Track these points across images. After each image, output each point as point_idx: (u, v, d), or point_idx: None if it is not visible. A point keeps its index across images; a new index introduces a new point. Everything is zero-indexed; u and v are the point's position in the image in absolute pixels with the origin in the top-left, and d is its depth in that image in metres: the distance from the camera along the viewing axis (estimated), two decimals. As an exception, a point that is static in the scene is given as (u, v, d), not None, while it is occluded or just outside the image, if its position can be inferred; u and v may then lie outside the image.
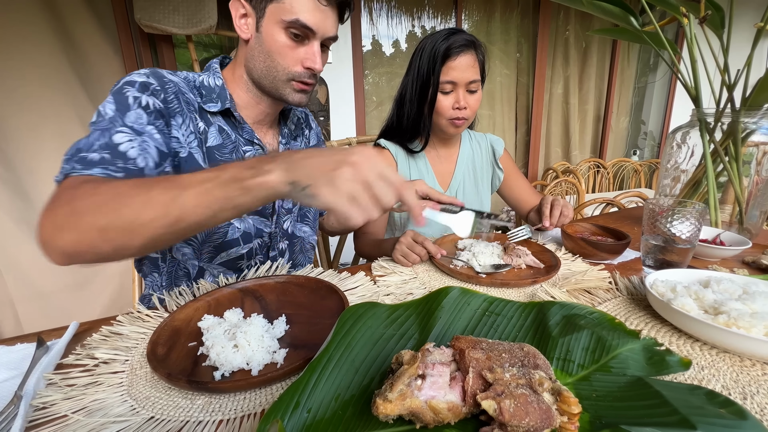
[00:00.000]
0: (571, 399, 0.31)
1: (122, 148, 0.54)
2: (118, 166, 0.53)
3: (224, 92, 0.70)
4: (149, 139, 0.58)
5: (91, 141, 0.53)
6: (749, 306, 0.47)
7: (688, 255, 0.66)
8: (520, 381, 0.32)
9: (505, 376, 0.32)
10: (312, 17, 0.63)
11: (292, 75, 0.67)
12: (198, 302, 0.56)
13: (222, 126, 0.70)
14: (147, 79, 0.61)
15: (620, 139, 3.46)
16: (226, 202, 0.40)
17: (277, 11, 0.62)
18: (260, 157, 0.41)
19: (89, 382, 0.42)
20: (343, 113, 2.36)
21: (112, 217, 0.41)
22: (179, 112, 0.64)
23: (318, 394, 0.34)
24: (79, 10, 1.62)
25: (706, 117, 0.85)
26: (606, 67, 3.13)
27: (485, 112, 2.83)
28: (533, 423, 0.29)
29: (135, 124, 0.57)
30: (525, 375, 0.32)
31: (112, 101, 0.58)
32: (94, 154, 0.52)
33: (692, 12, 0.78)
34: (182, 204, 0.40)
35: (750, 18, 2.56)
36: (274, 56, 0.65)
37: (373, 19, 2.42)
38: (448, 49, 0.88)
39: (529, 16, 2.78)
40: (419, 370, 0.33)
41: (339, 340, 0.39)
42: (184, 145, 0.65)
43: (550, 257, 0.74)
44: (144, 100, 0.59)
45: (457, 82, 0.90)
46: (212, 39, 2.11)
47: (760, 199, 0.86)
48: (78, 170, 0.50)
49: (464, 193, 1.09)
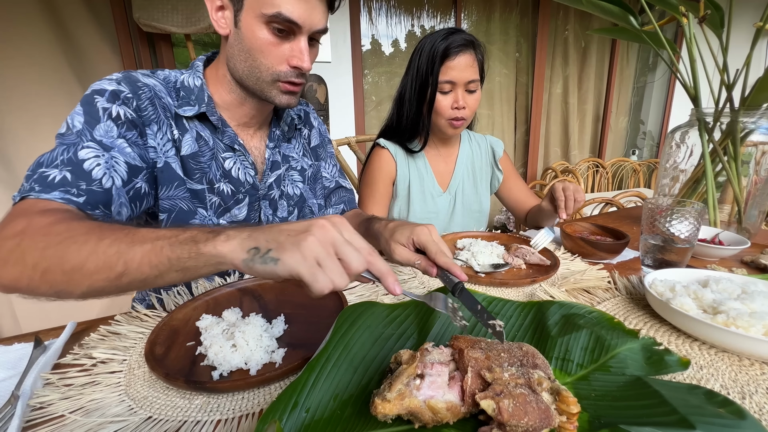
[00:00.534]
0: (570, 399, 0.30)
1: (86, 165, 0.51)
2: (80, 189, 0.50)
3: (203, 93, 0.64)
4: (119, 154, 0.54)
5: (54, 156, 0.50)
6: (748, 305, 0.47)
7: (686, 254, 0.67)
8: (519, 381, 0.31)
9: (504, 375, 0.32)
10: (296, 9, 0.56)
11: (278, 75, 0.61)
12: (196, 302, 0.56)
13: (199, 132, 0.65)
14: (117, 87, 0.57)
15: (619, 138, 3.47)
16: (175, 263, 0.37)
17: (256, 4, 0.56)
18: (234, 226, 0.39)
19: (87, 382, 0.42)
20: (343, 113, 2.36)
21: (55, 261, 0.39)
22: (154, 120, 0.60)
23: (316, 393, 0.34)
24: (77, 9, 1.62)
25: (705, 116, 0.85)
26: (605, 66, 3.13)
27: (484, 112, 2.83)
28: (532, 423, 0.29)
29: (105, 137, 0.54)
30: (524, 375, 0.32)
31: (81, 112, 0.54)
32: (55, 171, 0.49)
33: (692, 11, 0.78)
34: (128, 260, 0.37)
35: (750, 17, 2.56)
36: (255, 55, 0.59)
37: (372, 18, 2.42)
38: (447, 48, 0.87)
39: (528, 15, 2.78)
40: (418, 369, 0.32)
41: (338, 339, 0.39)
42: (160, 154, 0.61)
43: (549, 256, 0.74)
44: (114, 110, 0.55)
45: (456, 82, 0.89)
46: (211, 38, 2.11)
47: (758, 198, 0.86)
48: (36, 192, 0.47)
49: (463, 193, 1.09)
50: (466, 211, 1.10)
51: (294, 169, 0.80)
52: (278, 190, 0.76)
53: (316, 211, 0.85)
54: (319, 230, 0.35)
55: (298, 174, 0.80)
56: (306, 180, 0.82)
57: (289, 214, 0.79)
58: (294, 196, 0.79)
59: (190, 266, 0.37)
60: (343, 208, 0.90)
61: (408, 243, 0.54)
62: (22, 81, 1.53)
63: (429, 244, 0.52)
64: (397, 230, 0.56)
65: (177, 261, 0.37)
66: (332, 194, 0.89)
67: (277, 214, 0.78)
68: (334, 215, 0.39)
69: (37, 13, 1.53)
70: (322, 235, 0.35)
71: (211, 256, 0.36)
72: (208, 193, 0.67)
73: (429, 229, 0.54)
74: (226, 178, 0.69)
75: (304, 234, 0.35)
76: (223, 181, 0.68)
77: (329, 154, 0.90)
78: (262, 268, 0.34)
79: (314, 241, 0.35)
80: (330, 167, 0.89)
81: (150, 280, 0.38)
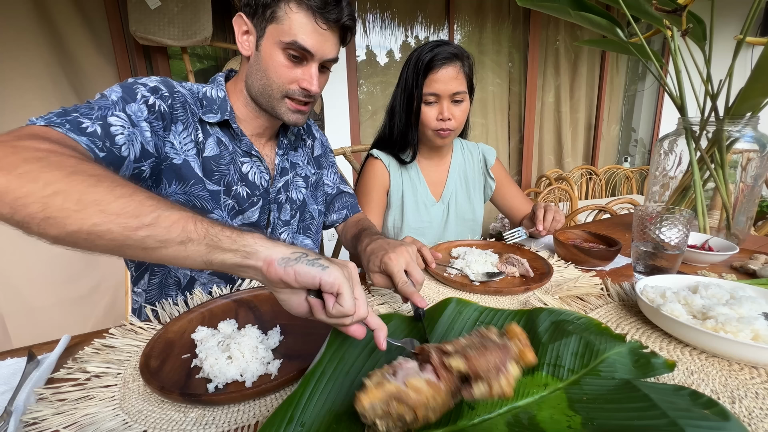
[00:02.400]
0: (513, 328, 0.38)
1: (113, 130, 0.54)
2: (105, 145, 0.53)
3: (225, 104, 0.71)
4: (138, 133, 0.59)
5: (90, 110, 0.53)
6: (736, 311, 0.48)
7: (677, 261, 0.68)
8: (474, 340, 0.37)
9: (461, 341, 0.37)
10: (310, 39, 0.63)
11: (287, 92, 0.67)
12: (192, 314, 0.56)
13: (220, 137, 0.71)
14: (158, 85, 0.63)
15: (611, 146, 3.51)
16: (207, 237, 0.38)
17: (276, 32, 0.63)
18: None
19: (81, 397, 0.41)
20: (338, 123, 2.37)
21: (79, 187, 0.36)
22: (182, 120, 0.65)
23: (312, 407, 0.34)
24: (74, 22, 1.64)
25: (691, 125, 0.87)
26: (596, 75, 3.19)
27: (478, 121, 2.86)
28: (497, 358, 0.34)
29: (133, 115, 0.58)
30: (474, 334, 0.38)
31: (119, 90, 0.59)
32: (88, 122, 0.52)
33: (675, 25, 0.80)
34: (163, 216, 0.37)
35: (732, 30, 2.63)
36: (270, 74, 0.66)
37: (367, 29, 2.45)
38: (431, 61, 0.90)
39: (519, 26, 2.84)
40: (390, 369, 0.34)
41: (332, 353, 0.40)
42: (179, 152, 0.65)
43: (543, 264, 0.75)
44: (151, 99, 0.61)
45: (440, 94, 0.91)
46: (207, 50, 2.13)
47: (746, 205, 0.88)
48: (66, 129, 0.48)
49: (456, 202, 1.10)
50: (460, 220, 1.11)
51: (299, 175, 0.85)
52: (285, 195, 0.81)
53: (316, 216, 0.89)
54: (344, 268, 0.40)
55: (302, 180, 0.85)
56: (309, 186, 0.87)
57: (291, 217, 0.83)
58: (297, 200, 0.84)
59: (223, 245, 0.38)
60: (346, 213, 0.94)
61: (381, 271, 0.59)
62: (19, 92, 1.53)
63: (394, 275, 0.56)
64: (371, 258, 0.61)
65: (214, 236, 0.38)
66: (335, 200, 0.94)
67: (281, 217, 0.81)
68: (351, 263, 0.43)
69: (35, 27, 1.54)
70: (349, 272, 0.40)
71: (249, 245, 0.38)
72: (224, 195, 0.71)
73: (398, 257, 0.58)
74: (243, 182, 0.74)
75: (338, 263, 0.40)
76: (240, 184, 0.73)
77: (331, 163, 0.95)
78: (305, 268, 0.37)
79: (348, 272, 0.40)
80: (332, 175, 0.94)
81: (169, 244, 0.37)
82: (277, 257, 0.37)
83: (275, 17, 0.62)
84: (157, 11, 1.58)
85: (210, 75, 0.85)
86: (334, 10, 0.63)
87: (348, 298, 0.37)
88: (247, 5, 0.64)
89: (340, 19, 0.64)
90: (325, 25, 0.63)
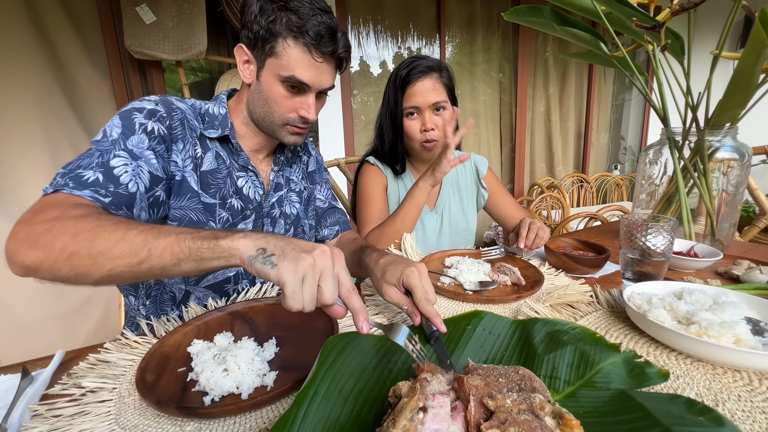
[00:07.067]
0: (573, 422, 0.31)
1: (116, 171, 0.57)
2: (108, 191, 0.55)
3: (226, 120, 0.73)
4: (144, 164, 0.61)
5: (90, 159, 0.57)
6: (718, 316, 0.50)
7: (663, 267, 0.69)
8: (522, 407, 0.31)
9: (507, 402, 0.31)
10: (307, 73, 0.66)
11: (287, 121, 0.71)
12: (187, 327, 0.57)
13: (219, 151, 0.73)
14: (155, 107, 0.65)
15: (601, 154, 3.58)
16: (194, 253, 0.43)
17: (275, 66, 0.66)
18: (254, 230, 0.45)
19: (76, 412, 0.42)
20: (332, 133, 2.40)
21: (85, 245, 0.43)
22: (181, 138, 0.67)
23: (307, 426, 0.34)
24: (69, 36, 1.65)
25: (674, 135, 0.90)
26: (584, 85, 3.27)
27: (471, 130, 2.91)
28: None
29: (135, 147, 0.60)
30: (525, 400, 0.32)
31: (120, 125, 0.61)
32: (89, 173, 0.55)
33: (654, 40, 0.83)
34: (153, 247, 0.43)
35: (710, 45, 2.71)
36: (271, 104, 0.69)
37: (360, 40, 2.50)
38: (407, 75, 0.93)
39: (509, 38, 2.91)
40: (420, 402, 0.32)
41: (325, 371, 0.39)
42: (181, 168, 0.68)
43: (534, 273, 0.76)
44: (150, 126, 0.63)
45: (420, 106, 0.94)
46: (201, 64, 2.15)
47: (728, 212, 0.90)
48: (69, 188, 0.53)
49: (450, 212, 1.11)
50: (454, 229, 1.12)
51: (293, 190, 0.86)
52: (279, 209, 0.83)
53: (307, 230, 0.89)
54: (320, 255, 0.41)
55: (296, 195, 0.87)
56: (302, 201, 0.88)
57: (285, 231, 0.84)
58: (291, 215, 0.85)
59: (206, 257, 0.43)
60: (338, 229, 0.94)
61: (398, 284, 0.56)
62: (14, 106, 1.54)
63: (416, 288, 0.54)
64: (388, 269, 0.58)
65: (196, 251, 0.43)
66: (326, 215, 0.94)
67: (275, 231, 0.82)
68: (337, 248, 0.44)
69: (30, 42, 1.56)
70: (320, 260, 0.41)
71: (226, 249, 0.42)
72: (219, 208, 0.73)
73: (419, 271, 0.55)
74: (238, 195, 0.76)
75: (307, 253, 0.41)
76: (234, 197, 0.75)
77: (324, 179, 0.97)
78: (260, 267, 0.41)
79: (310, 263, 0.40)
80: (324, 190, 0.96)
81: (167, 268, 0.44)
82: (246, 256, 0.42)
83: (274, 52, 0.65)
84: (153, 26, 1.60)
85: (204, 88, 0.87)
86: (330, 44, 0.66)
87: (290, 296, 0.39)
88: (248, 37, 0.67)
89: (335, 52, 0.67)
90: (321, 58, 0.66)
